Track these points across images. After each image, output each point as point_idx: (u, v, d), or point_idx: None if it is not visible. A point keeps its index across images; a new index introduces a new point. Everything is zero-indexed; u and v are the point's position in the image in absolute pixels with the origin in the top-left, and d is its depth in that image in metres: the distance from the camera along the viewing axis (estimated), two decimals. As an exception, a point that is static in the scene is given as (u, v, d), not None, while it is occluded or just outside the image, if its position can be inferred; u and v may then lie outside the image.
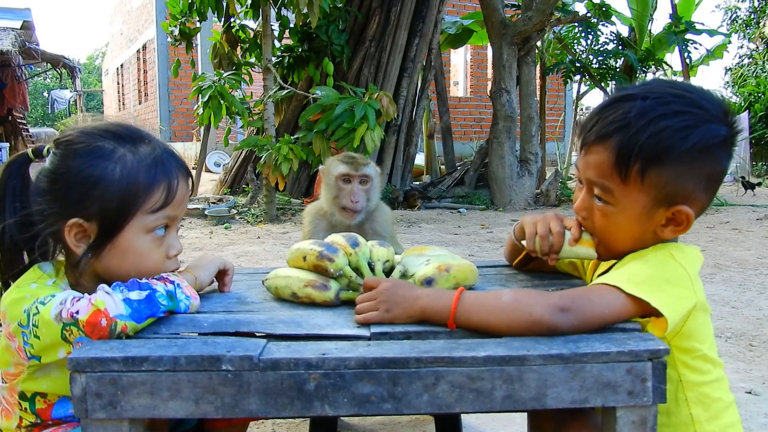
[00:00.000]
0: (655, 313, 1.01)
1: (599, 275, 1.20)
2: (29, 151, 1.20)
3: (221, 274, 1.32)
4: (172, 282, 1.11)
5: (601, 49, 10.02)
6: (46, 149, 1.18)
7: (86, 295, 1.04)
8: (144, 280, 1.09)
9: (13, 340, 1.07)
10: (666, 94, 1.08)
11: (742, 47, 21.23)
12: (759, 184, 10.14)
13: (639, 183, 1.07)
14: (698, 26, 9.71)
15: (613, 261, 1.19)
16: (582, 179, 1.17)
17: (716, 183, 1.12)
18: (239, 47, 7.88)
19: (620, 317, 1.01)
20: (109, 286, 1.07)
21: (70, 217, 1.12)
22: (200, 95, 6.72)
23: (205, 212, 6.95)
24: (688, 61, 9.96)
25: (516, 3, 9.37)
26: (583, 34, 9.82)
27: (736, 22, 21.19)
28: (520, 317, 0.98)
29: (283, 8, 7.34)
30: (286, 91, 6.72)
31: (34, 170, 1.19)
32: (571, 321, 0.97)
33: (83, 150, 1.13)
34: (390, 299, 1.06)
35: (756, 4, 20.52)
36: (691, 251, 1.12)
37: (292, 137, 6.37)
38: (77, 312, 1.01)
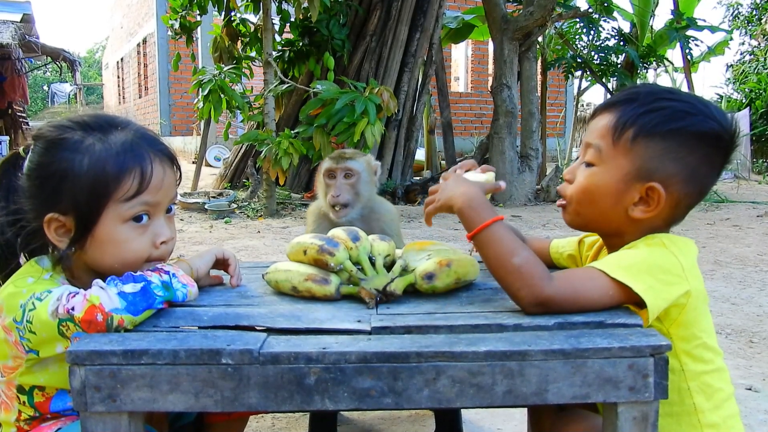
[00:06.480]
0: (640, 300, 1.02)
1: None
2: (21, 149, 1.19)
3: (224, 265, 1.30)
4: (167, 272, 1.11)
5: (603, 45, 9.98)
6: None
7: (82, 290, 1.04)
8: (138, 273, 1.08)
9: (9, 334, 1.07)
10: (678, 90, 1.20)
11: (743, 44, 21.17)
12: None
13: (627, 148, 1.13)
14: (700, 22, 9.66)
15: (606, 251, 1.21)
16: (582, 149, 1.22)
17: (698, 183, 1.14)
18: (240, 41, 7.85)
19: (606, 303, 1.04)
20: (103, 280, 1.06)
21: (47, 213, 1.11)
22: (200, 89, 6.70)
23: (205, 206, 6.93)
24: (689, 57, 9.92)
25: (517, -2, 9.33)
26: (584, 30, 9.77)
27: (738, 18, 21.12)
28: (510, 288, 1.06)
29: (283, 2, 7.32)
30: (286, 86, 6.70)
31: None
32: (552, 312, 1.03)
33: (53, 143, 1.12)
34: (441, 191, 1.20)
35: (758, 0, 20.46)
36: (683, 241, 1.13)
37: (292, 132, 6.35)
38: (73, 308, 1.00)
